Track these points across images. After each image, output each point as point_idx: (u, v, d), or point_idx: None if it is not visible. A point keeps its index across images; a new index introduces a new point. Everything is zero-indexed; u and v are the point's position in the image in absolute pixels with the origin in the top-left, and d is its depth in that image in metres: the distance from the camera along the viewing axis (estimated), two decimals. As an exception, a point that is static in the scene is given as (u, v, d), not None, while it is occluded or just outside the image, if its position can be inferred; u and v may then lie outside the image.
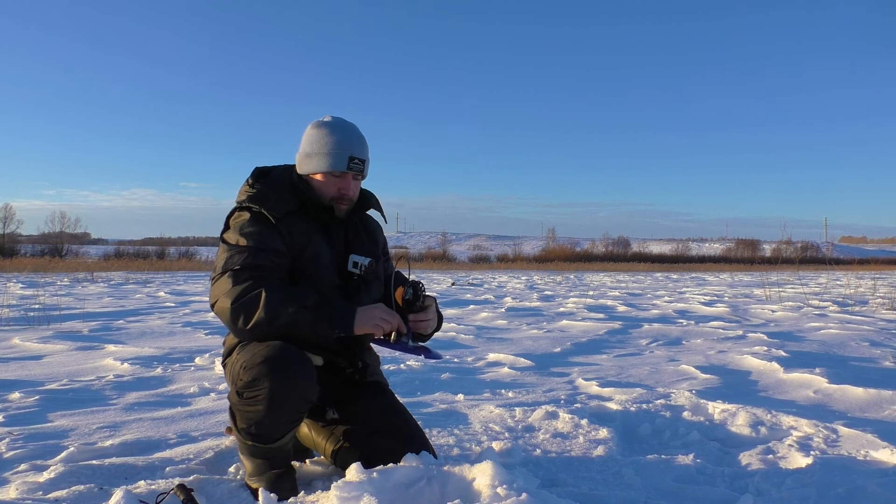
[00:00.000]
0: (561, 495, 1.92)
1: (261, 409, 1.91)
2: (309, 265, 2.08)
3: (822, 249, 67.62)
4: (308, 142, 2.15)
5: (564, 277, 25.22)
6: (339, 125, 2.15)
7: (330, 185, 2.13)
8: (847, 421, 2.92)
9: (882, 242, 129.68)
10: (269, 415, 1.91)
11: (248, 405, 1.92)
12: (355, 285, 2.16)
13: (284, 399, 1.91)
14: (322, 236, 2.14)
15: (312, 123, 2.18)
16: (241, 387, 1.93)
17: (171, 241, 51.89)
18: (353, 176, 2.14)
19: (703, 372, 4.20)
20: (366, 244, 2.27)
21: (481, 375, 4.19)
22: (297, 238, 2.08)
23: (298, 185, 2.16)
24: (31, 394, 3.45)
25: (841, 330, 6.50)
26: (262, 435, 1.95)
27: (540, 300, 11.18)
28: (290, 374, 1.89)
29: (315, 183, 2.15)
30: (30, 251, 39.45)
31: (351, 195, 2.17)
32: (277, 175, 2.19)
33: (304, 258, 2.08)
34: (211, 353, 4.84)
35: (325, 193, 2.14)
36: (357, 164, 2.12)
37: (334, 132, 2.12)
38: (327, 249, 2.13)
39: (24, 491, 2.01)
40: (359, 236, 2.27)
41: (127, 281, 17.26)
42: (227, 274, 1.96)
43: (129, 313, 8.25)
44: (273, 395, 1.88)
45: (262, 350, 1.91)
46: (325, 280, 2.10)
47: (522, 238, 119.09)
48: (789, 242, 40.04)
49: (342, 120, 2.19)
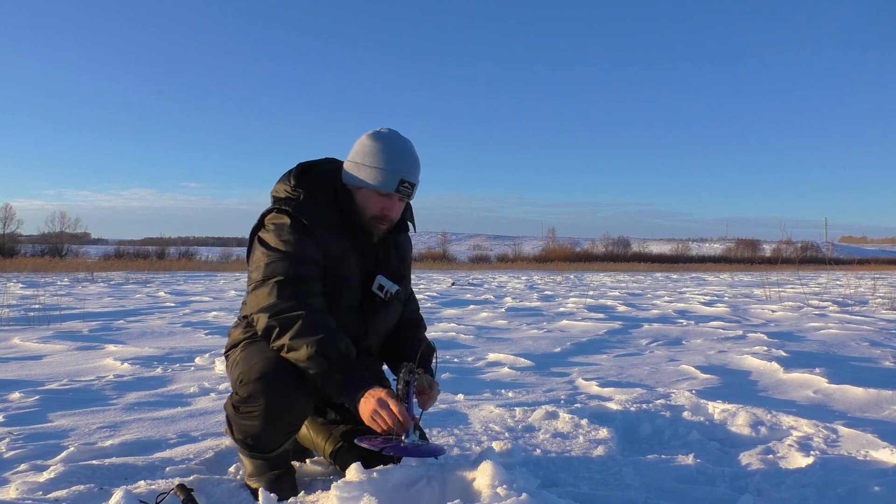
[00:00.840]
0: (561, 495, 1.92)
1: (256, 425, 1.91)
2: (335, 283, 2.02)
3: (822, 249, 67.57)
4: (360, 152, 2.03)
5: (564, 277, 25.22)
6: (395, 142, 2.02)
7: (374, 203, 2.02)
8: (847, 421, 2.92)
9: (882, 242, 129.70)
10: (265, 430, 1.92)
11: (244, 419, 1.93)
12: (374, 307, 2.10)
13: (279, 416, 1.91)
14: (355, 255, 2.06)
15: (368, 134, 2.05)
16: (236, 401, 1.94)
17: (171, 241, 51.82)
18: (399, 198, 2.04)
19: (703, 372, 4.20)
20: (395, 263, 2.19)
21: (481, 375, 4.19)
22: (332, 254, 2.01)
23: (340, 194, 2.06)
24: (31, 394, 3.45)
25: (841, 330, 6.50)
26: (257, 446, 1.96)
27: (540, 300, 11.18)
28: (285, 392, 1.89)
29: (358, 196, 2.04)
30: (30, 251, 39.42)
31: (393, 217, 2.06)
32: (320, 177, 2.07)
33: (332, 276, 2.01)
34: (211, 353, 4.84)
35: (367, 210, 2.03)
36: (406, 188, 2.01)
37: (388, 149, 2.00)
38: (357, 270, 2.07)
39: (24, 491, 2.01)
40: (389, 255, 2.18)
41: (127, 281, 17.26)
42: (272, 285, 1.90)
43: (129, 313, 8.25)
44: (268, 413, 1.89)
45: (258, 364, 1.91)
46: (347, 299, 2.05)
47: (522, 238, 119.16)
48: (789, 242, 39.96)
49: (399, 136, 2.06)
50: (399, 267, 2.20)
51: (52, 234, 51.47)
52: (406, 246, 2.28)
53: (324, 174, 2.08)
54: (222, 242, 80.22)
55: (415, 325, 2.30)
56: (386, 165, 1.98)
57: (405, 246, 2.27)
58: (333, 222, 2.02)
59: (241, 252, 42.77)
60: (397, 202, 2.04)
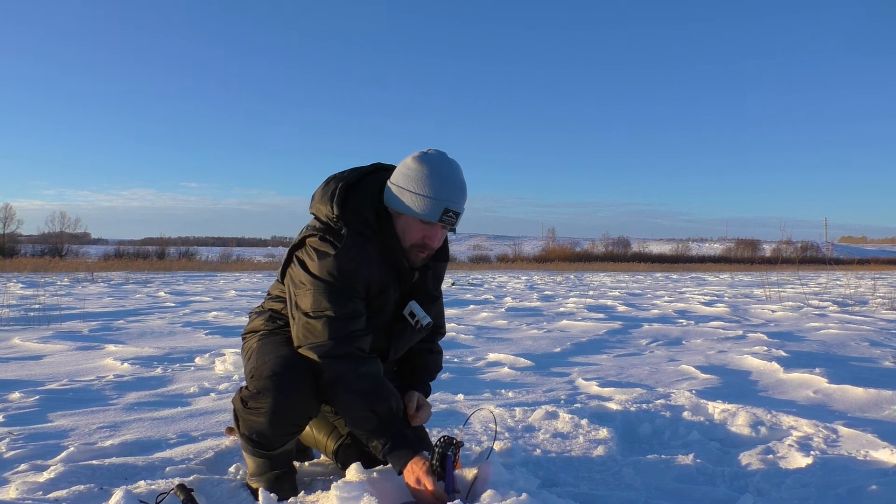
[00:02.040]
0: (561, 495, 1.92)
1: (262, 421, 1.92)
2: (371, 312, 1.99)
3: (822, 249, 67.57)
4: (404, 176, 1.94)
5: (564, 277, 25.22)
6: (442, 168, 1.92)
7: (415, 231, 1.95)
8: (847, 421, 2.92)
9: (882, 242, 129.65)
10: (270, 427, 1.92)
11: (251, 415, 1.93)
12: (401, 327, 2.07)
13: (285, 415, 1.92)
14: (395, 284, 2.02)
15: (414, 156, 1.96)
16: (246, 396, 1.94)
17: (171, 241, 51.84)
18: (441, 226, 1.95)
19: (703, 372, 4.20)
20: (430, 287, 2.14)
21: (481, 375, 4.19)
22: (374, 288, 1.97)
23: (381, 217, 1.98)
24: (31, 394, 3.45)
25: (841, 330, 6.50)
26: (262, 443, 1.96)
27: (540, 300, 11.18)
28: (294, 391, 1.89)
29: (400, 222, 1.97)
30: (30, 251, 39.40)
31: (434, 246, 1.99)
32: (364, 203, 1.97)
33: (370, 305, 1.99)
34: (211, 352, 4.84)
35: (408, 237, 1.97)
36: (450, 217, 1.92)
37: (434, 175, 1.90)
38: (393, 298, 2.04)
39: (24, 491, 2.01)
40: (425, 279, 2.11)
41: (127, 281, 17.26)
42: (323, 322, 1.87)
43: (129, 313, 8.24)
44: (274, 411, 1.89)
45: (270, 361, 1.91)
46: (376, 323, 2.01)
47: (522, 238, 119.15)
48: (789, 242, 39.91)
49: (446, 161, 1.95)
50: (434, 289, 2.16)
51: (52, 234, 51.49)
52: (443, 270, 2.22)
53: (367, 198, 1.98)
54: (222, 242, 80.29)
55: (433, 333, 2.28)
56: (430, 193, 1.89)
57: (442, 270, 2.22)
58: (375, 256, 1.96)
59: (240, 252, 42.88)
60: (440, 231, 1.97)
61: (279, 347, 1.95)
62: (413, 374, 2.23)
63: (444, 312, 2.36)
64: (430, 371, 2.26)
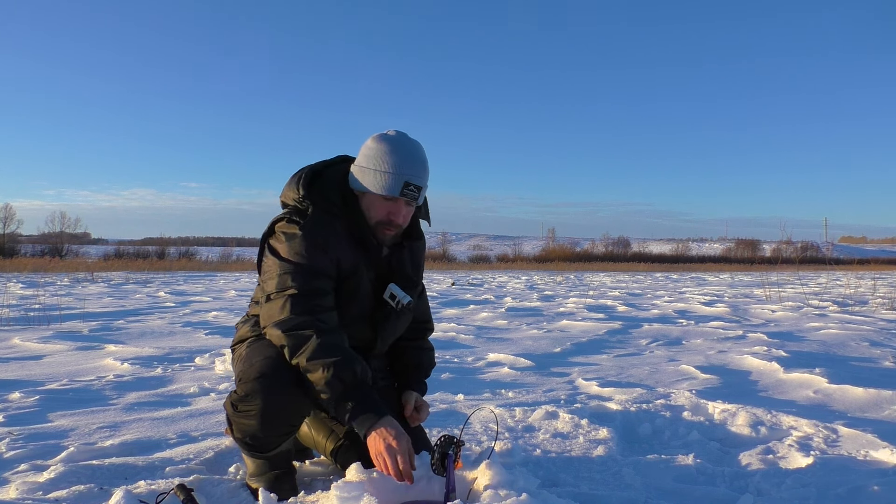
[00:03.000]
0: (561, 495, 1.92)
1: (254, 424, 1.91)
2: (346, 294, 1.99)
3: (822, 249, 67.61)
4: (365, 155, 1.98)
5: (564, 277, 25.21)
6: (401, 144, 1.96)
7: (379, 208, 1.98)
8: (847, 421, 2.92)
9: (882, 242, 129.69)
10: (262, 429, 1.92)
11: (242, 418, 1.93)
12: (385, 315, 2.07)
13: (276, 416, 1.91)
14: (367, 264, 2.03)
15: (373, 136, 1.99)
16: (235, 399, 1.93)
17: (170, 241, 51.70)
18: (405, 202, 1.98)
19: (703, 372, 4.20)
20: (409, 271, 2.14)
21: (481, 375, 4.19)
22: (344, 267, 1.98)
23: (347, 199, 2.01)
24: (31, 394, 3.45)
25: (841, 330, 6.50)
26: (256, 445, 1.96)
27: (540, 300, 11.18)
28: (283, 392, 1.88)
29: (364, 201, 2.00)
30: (30, 251, 39.37)
31: (400, 222, 2.00)
32: (330, 184, 2.02)
33: (344, 287, 1.99)
34: (211, 352, 4.84)
35: (372, 215, 1.99)
36: (412, 191, 1.94)
37: (393, 151, 1.93)
38: (368, 280, 2.04)
39: (24, 491, 2.01)
40: (403, 263, 2.12)
41: (127, 281, 17.25)
42: (285, 298, 1.88)
43: (129, 313, 8.24)
44: (265, 413, 1.89)
45: (258, 363, 1.90)
46: (358, 308, 2.02)
47: (522, 238, 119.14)
48: (789, 242, 39.97)
49: (405, 138, 1.99)
50: (414, 275, 2.16)
51: (52, 234, 51.47)
52: (420, 251, 2.22)
53: (332, 180, 2.03)
54: (222, 242, 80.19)
55: (422, 329, 2.29)
56: (390, 168, 1.92)
57: (419, 253, 2.21)
58: (343, 233, 1.98)
59: (240, 252, 42.83)
60: (403, 206, 1.98)
61: (266, 349, 1.94)
62: (407, 373, 2.22)
63: (429, 307, 2.36)
64: (425, 368, 2.26)
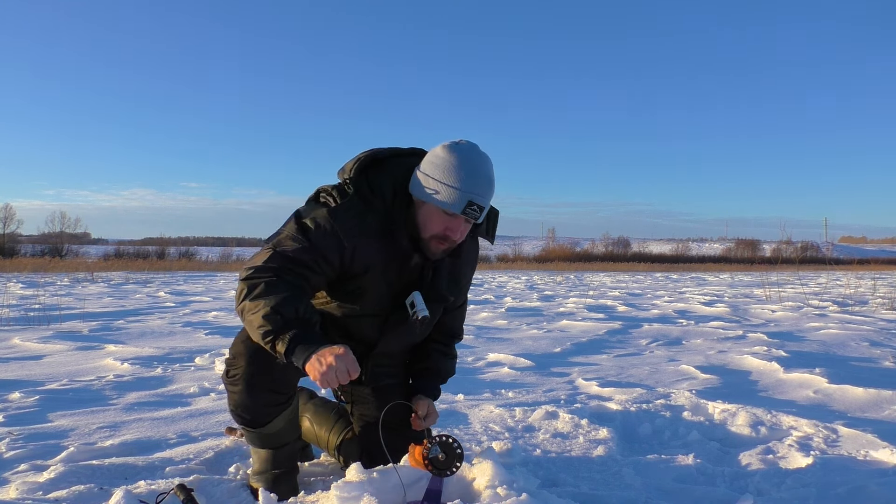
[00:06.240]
0: (561, 495, 1.92)
1: (241, 389, 1.89)
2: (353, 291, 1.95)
3: (822, 249, 67.61)
4: (432, 164, 1.88)
5: (564, 277, 25.20)
6: (471, 159, 1.86)
7: (437, 222, 1.88)
8: (847, 421, 2.92)
9: (882, 242, 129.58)
10: (249, 395, 1.89)
11: (231, 384, 1.91)
12: (398, 319, 2.01)
13: (261, 381, 1.88)
14: (391, 266, 1.94)
15: (444, 144, 1.90)
16: (226, 364, 1.93)
17: (170, 241, 51.75)
18: (464, 220, 1.88)
19: (703, 372, 4.20)
20: (443, 286, 2.04)
21: (481, 375, 4.19)
22: (357, 264, 1.90)
23: (399, 197, 1.92)
24: (31, 394, 3.45)
25: (841, 330, 6.50)
26: (246, 418, 1.94)
27: (540, 300, 11.18)
28: (268, 353, 1.79)
29: (423, 210, 1.90)
30: (30, 251, 39.38)
31: (455, 239, 1.91)
32: (385, 176, 1.93)
33: (356, 284, 1.93)
34: (211, 352, 4.84)
35: (429, 227, 1.89)
36: (474, 211, 1.85)
37: (463, 166, 1.84)
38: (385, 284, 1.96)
39: (24, 491, 2.01)
40: (440, 275, 2.03)
41: (127, 281, 17.25)
42: (268, 251, 1.82)
43: (129, 313, 8.24)
44: (249, 376, 1.87)
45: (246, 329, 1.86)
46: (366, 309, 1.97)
47: (522, 238, 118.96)
48: (789, 242, 40.00)
49: (476, 152, 1.89)
50: (448, 290, 2.07)
51: (52, 234, 51.47)
52: (462, 270, 2.12)
53: (390, 174, 1.94)
54: (222, 242, 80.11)
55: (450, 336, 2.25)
56: (456, 184, 1.83)
57: (460, 270, 2.12)
58: (373, 229, 1.89)
59: (240, 252, 42.77)
60: (462, 224, 1.89)
61: None
62: (423, 377, 2.19)
63: (464, 318, 2.30)
64: (443, 376, 2.22)
